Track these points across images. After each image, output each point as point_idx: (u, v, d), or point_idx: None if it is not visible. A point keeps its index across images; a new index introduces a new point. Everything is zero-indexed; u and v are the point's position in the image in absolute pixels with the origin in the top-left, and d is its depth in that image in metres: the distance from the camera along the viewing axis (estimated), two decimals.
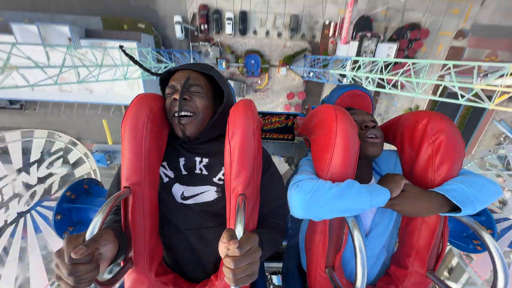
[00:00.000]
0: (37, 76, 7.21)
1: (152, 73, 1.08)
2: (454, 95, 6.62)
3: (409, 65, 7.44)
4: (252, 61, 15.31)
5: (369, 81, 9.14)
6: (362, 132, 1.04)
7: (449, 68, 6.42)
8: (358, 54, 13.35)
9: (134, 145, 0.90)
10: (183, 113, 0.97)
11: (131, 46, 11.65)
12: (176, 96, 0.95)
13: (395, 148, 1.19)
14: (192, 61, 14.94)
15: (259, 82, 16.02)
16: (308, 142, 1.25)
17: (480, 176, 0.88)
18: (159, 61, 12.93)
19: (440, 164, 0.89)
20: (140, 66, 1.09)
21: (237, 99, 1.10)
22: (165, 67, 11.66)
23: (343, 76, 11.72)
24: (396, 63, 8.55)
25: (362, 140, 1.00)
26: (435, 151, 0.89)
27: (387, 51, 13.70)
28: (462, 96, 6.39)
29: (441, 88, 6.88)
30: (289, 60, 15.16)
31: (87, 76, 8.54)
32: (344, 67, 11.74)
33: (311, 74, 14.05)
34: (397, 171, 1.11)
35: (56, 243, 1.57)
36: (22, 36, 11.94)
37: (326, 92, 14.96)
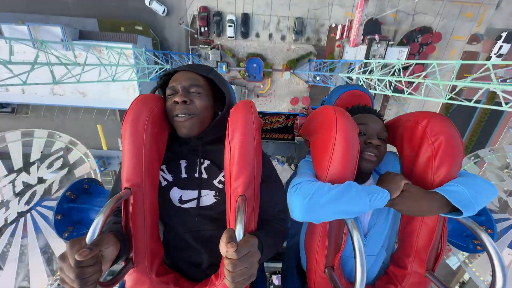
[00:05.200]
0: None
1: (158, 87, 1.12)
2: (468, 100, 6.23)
3: (433, 67, 6.83)
4: (254, 65, 14.64)
5: (384, 85, 8.48)
6: (363, 146, 1.02)
7: (486, 70, 5.70)
8: (367, 58, 12.96)
9: (134, 147, 0.91)
10: (183, 115, 0.97)
11: (126, 47, 10.84)
12: (177, 99, 0.95)
13: (395, 149, 1.19)
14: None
15: (262, 86, 15.35)
16: (308, 142, 1.26)
17: (477, 177, 0.88)
18: (156, 63, 12.45)
19: (440, 165, 0.88)
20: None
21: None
22: (160, 69, 11.25)
23: (352, 79, 11.04)
24: (407, 67, 7.97)
25: (360, 152, 0.98)
26: (434, 152, 0.89)
27: (398, 55, 13.25)
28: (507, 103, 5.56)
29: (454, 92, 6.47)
30: (293, 64, 14.55)
31: (66, 77, 7.18)
32: (352, 71, 11.14)
33: (317, 78, 13.36)
34: (395, 170, 1.10)
35: (57, 243, 1.57)
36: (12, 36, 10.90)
37: None
